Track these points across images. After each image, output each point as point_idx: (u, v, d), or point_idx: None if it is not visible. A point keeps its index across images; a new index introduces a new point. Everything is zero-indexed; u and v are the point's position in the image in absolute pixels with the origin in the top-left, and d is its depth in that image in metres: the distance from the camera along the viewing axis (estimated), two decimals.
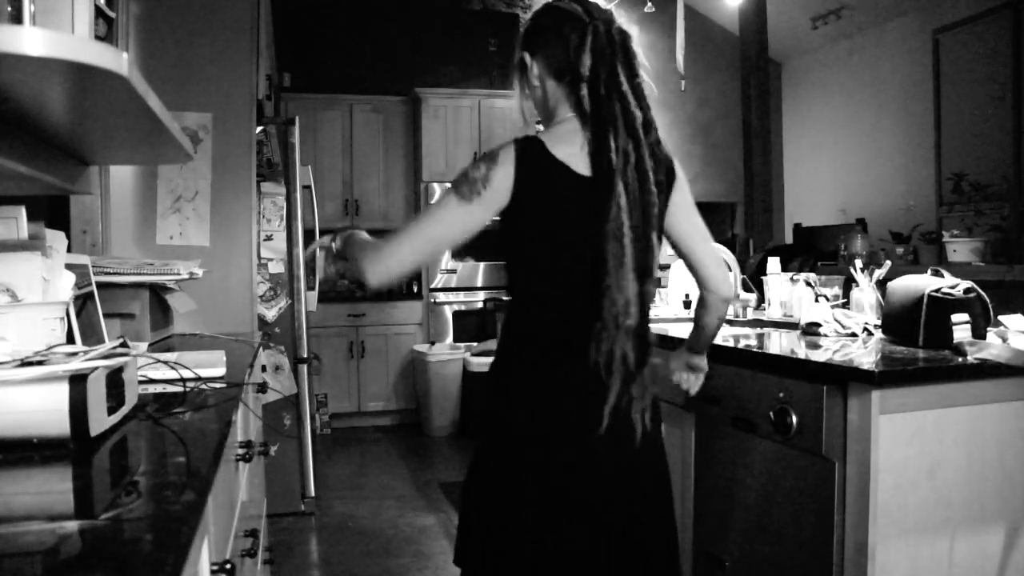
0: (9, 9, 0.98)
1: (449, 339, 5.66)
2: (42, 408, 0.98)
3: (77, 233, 2.45)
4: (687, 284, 3.16)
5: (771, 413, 1.84)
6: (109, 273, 2.01)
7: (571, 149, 1.43)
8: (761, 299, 2.84)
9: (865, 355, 1.84)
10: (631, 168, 1.40)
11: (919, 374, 1.66)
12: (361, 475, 4.40)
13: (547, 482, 1.43)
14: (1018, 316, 2.02)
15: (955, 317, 1.87)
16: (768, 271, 2.71)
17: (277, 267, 3.62)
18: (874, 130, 5.84)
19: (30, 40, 0.82)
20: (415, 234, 1.42)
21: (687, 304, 3.12)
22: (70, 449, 0.99)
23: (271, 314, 3.59)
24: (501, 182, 1.40)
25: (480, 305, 5.73)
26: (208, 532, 0.95)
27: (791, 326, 2.45)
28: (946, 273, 2.00)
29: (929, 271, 2.03)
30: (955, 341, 1.84)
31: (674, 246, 1.64)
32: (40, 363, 1.04)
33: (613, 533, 1.44)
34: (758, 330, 2.50)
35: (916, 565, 1.67)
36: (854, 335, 2.15)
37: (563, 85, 1.47)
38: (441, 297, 5.68)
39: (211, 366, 1.56)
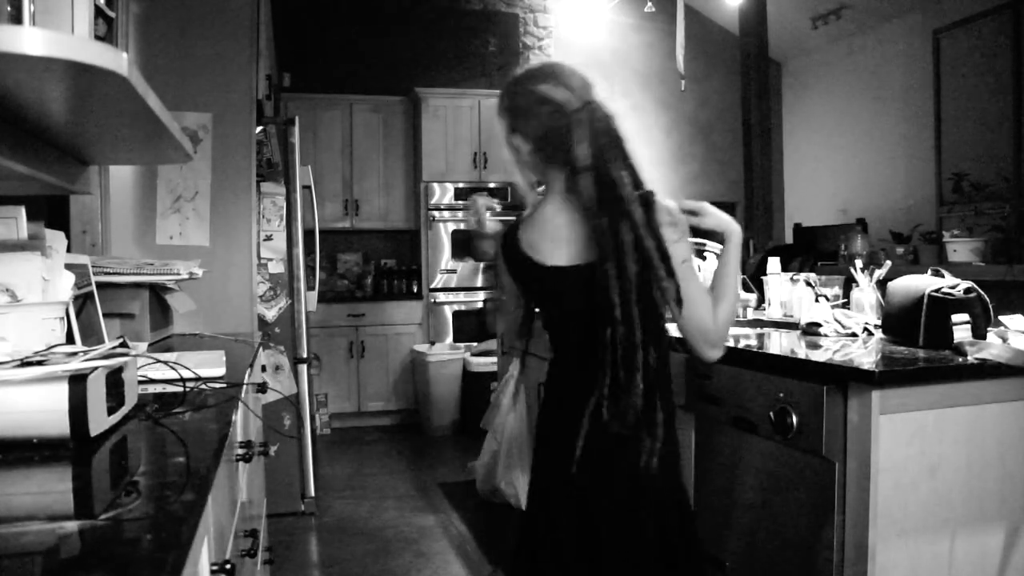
0: (9, 9, 0.98)
1: (449, 339, 5.66)
2: (42, 408, 0.98)
3: (77, 233, 2.45)
4: None
5: (771, 413, 1.84)
6: (109, 273, 2.01)
7: (540, 235, 1.53)
8: (761, 299, 2.84)
9: (865, 355, 1.84)
10: (631, 248, 1.39)
11: (919, 374, 1.66)
12: (361, 475, 4.40)
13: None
14: (1018, 316, 2.02)
15: (955, 317, 1.87)
16: (768, 271, 2.71)
17: (277, 267, 3.62)
18: (874, 130, 5.84)
19: (30, 40, 0.82)
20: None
21: None
22: (70, 449, 0.99)
23: (271, 314, 3.59)
24: (503, 272, 1.63)
25: (480, 305, 5.73)
26: (208, 532, 0.95)
27: (791, 326, 2.44)
28: (946, 273, 2.00)
29: (929, 271, 2.03)
30: (955, 341, 1.84)
31: None
32: (40, 363, 1.04)
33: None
34: (758, 330, 2.50)
35: (916, 565, 1.67)
36: (854, 335, 2.15)
37: (554, 166, 1.51)
38: (441, 297, 5.68)
39: (211, 366, 1.56)
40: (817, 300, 2.48)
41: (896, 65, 5.62)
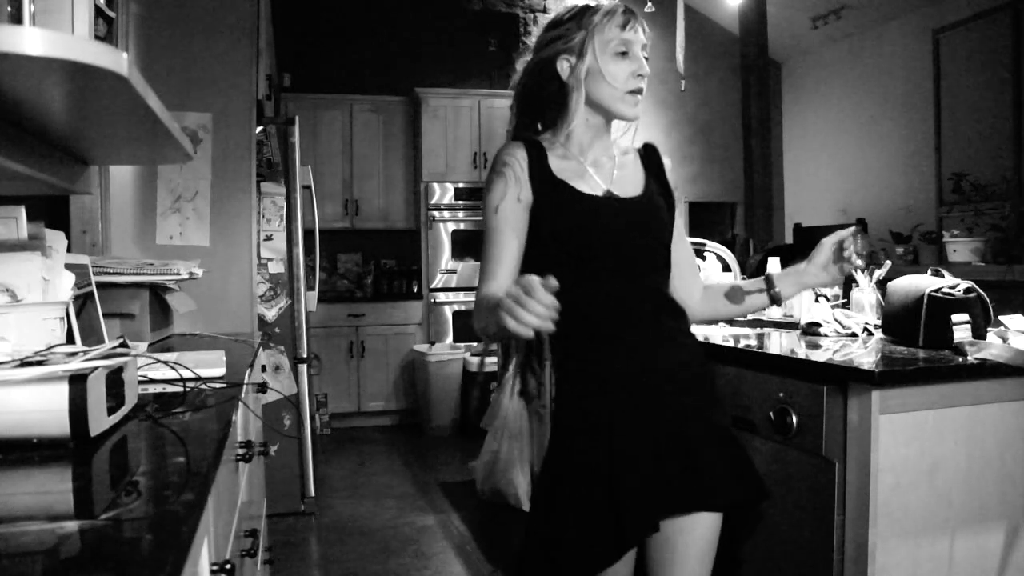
0: (9, 9, 0.98)
1: (449, 339, 5.66)
2: (42, 408, 0.98)
3: (77, 233, 2.45)
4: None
5: (771, 413, 1.84)
6: (109, 273, 2.01)
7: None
8: None
9: (865, 355, 1.84)
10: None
11: (919, 374, 1.66)
12: (361, 475, 4.41)
13: None
14: (1018, 316, 2.02)
15: (955, 317, 1.87)
16: (768, 271, 2.71)
17: (277, 267, 3.62)
18: (874, 130, 5.84)
19: (30, 40, 0.82)
20: None
21: None
22: (70, 449, 0.99)
23: (271, 314, 3.59)
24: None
25: None
26: (208, 532, 0.95)
27: (791, 326, 2.44)
28: (946, 273, 1.99)
29: (929, 271, 2.03)
30: (955, 341, 1.84)
31: None
32: (40, 363, 1.04)
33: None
34: (758, 330, 2.50)
35: (916, 565, 1.67)
36: (854, 335, 2.15)
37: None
38: (441, 297, 5.68)
39: (211, 366, 1.56)
40: (817, 300, 2.48)
41: (896, 65, 5.62)
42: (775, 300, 1.62)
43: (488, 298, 1.38)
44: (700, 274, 1.69)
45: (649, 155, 1.62)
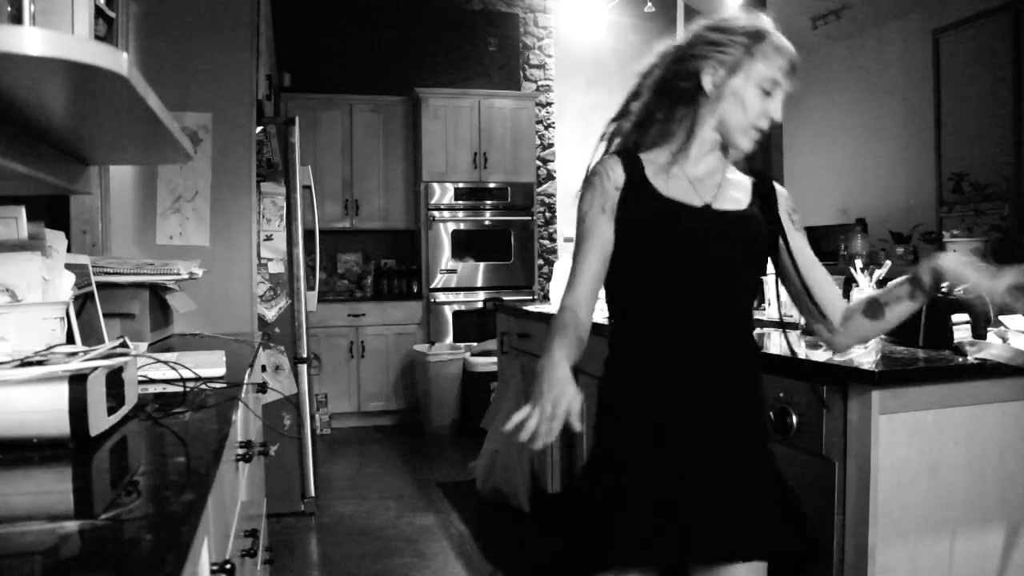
0: (9, 9, 0.98)
1: (449, 339, 5.66)
2: (42, 408, 0.98)
3: (77, 233, 2.45)
4: None
5: (771, 413, 1.84)
6: (109, 273, 2.01)
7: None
8: (761, 299, 2.84)
9: (865, 355, 1.84)
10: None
11: (919, 374, 1.66)
12: (361, 475, 4.40)
13: None
14: (1018, 316, 2.02)
15: (955, 317, 1.87)
16: (768, 271, 2.71)
17: (277, 267, 3.62)
18: (874, 130, 5.84)
19: (30, 40, 0.82)
20: None
21: None
22: (70, 449, 0.99)
23: (271, 314, 3.59)
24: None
25: (480, 305, 5.73)
26: (208, 532, 0.95)
27: (791, 326, 2.44)
28: None
29: None
30: (955, 341, 1.84)
31: None
32: (40, 363, 1.04)
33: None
34: (758, 330, 2.50)
35: (916, 565, 1.67)
36: None
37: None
38: (441, 297, 5.68)
39: (211, 366, 1.56)
40: None
41: (896, 65, 5.61)
42: (924, 292, 1.47)
43: (563, 313, 1.41)
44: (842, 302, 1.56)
45: (762, 182, 1.61)
